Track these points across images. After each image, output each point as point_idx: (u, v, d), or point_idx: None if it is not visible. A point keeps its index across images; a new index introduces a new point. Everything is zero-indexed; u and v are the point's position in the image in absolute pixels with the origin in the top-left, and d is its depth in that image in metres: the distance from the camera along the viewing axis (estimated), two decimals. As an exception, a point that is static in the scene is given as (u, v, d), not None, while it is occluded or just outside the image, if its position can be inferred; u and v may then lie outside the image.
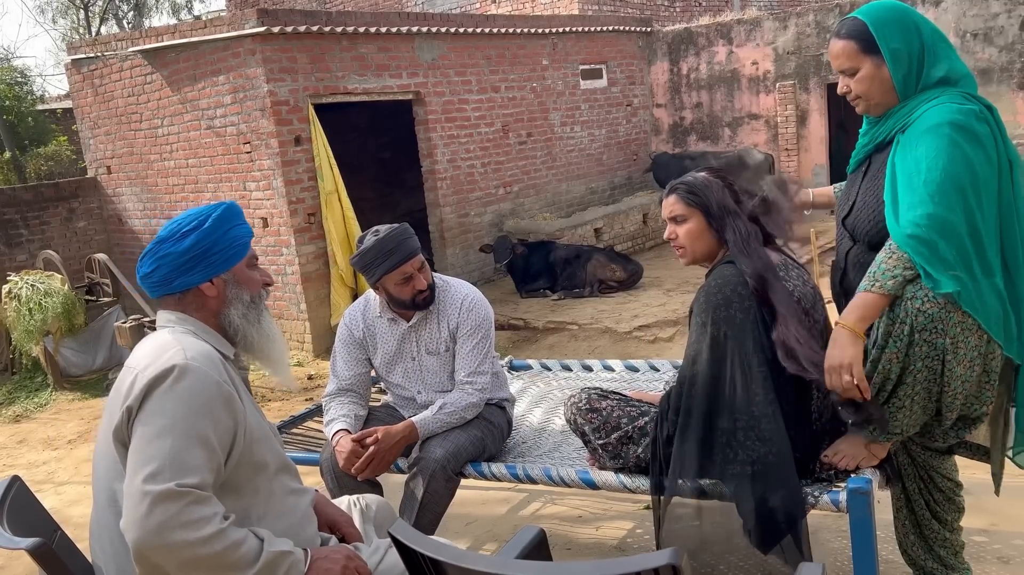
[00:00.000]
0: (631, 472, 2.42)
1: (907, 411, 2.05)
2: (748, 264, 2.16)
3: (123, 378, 1.75)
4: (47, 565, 1.72)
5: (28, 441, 5.82)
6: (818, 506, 2.13)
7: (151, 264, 1.83)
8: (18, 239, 8.42)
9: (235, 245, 1.87)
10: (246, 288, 1.89)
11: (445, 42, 8.19)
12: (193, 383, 1.67)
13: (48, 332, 6.73)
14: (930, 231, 1.91)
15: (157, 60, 7.57)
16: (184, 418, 1.64)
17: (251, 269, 1.92)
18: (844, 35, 2.11)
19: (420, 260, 2.77)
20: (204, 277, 1.83)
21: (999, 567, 2.70)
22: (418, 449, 2.74)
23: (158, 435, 1.62)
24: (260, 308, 1.92)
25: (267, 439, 1.83)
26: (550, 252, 7.82)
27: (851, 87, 2.14)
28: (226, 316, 1.87)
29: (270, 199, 6.99)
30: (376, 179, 11.11)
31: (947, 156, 1.93)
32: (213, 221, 1.83)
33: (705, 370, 2.16)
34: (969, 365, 1.99)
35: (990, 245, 1.96)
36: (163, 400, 1.65)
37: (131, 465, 1.63)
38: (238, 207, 1.93)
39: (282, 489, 1.84)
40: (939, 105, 2.01)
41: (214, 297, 1.85)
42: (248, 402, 1.82)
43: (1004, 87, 8.80)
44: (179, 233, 1.82)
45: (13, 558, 3.53)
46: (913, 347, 1.97)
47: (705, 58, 10.63)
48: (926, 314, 1.94)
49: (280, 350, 1.97)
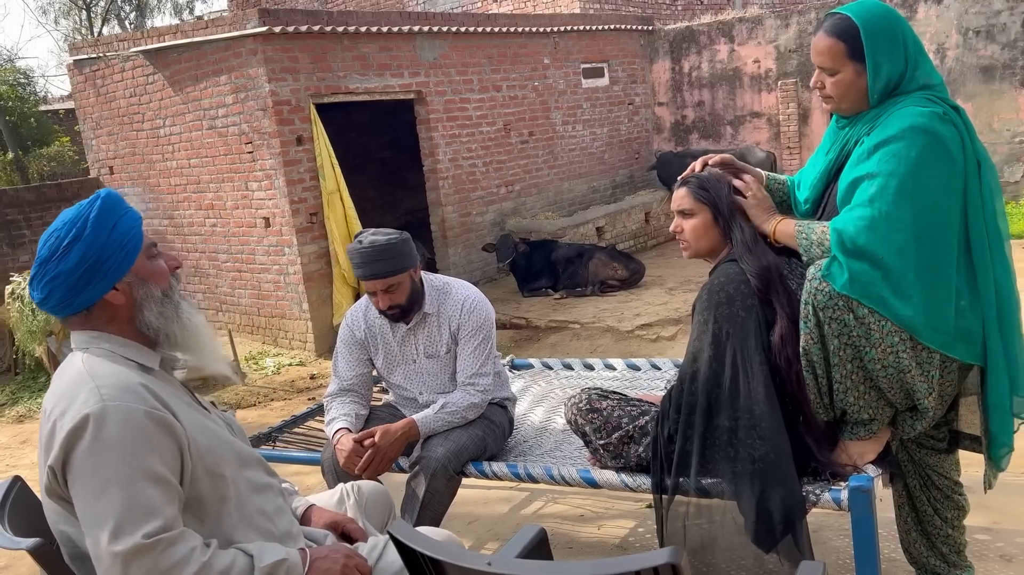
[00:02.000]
0: (632, 471, 2.42)
1: (855, 393, 2.06)
2: (752, 263, 2.16)
3: (43, 424, 1.62)
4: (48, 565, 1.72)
5: (31, 441, 5.84)
6: (820, 504, 2.12)
7: (43, 290, 1.64)
8: (21, 240, 8.43)
9: (127, 241, 1.66)
10: (154, 283, 1.71)
11: (446, 41, 8.19)
12: (117, 425, 1.53)
13: (51, 332, 6.73)
14: (863, 232, 1.93)
15: (159, 60, 7.57)
16: (122, 463, 1.51)
17: (152, 259, 1.73)
18: (833, 34, 2.06)
19: (387, 283, 2.70)
20: (106, 287, 1.64)
21: (1002, 565, 2.69)
22: (419, 448, 2.74)
23: (102, 491, 1.50)
24: (175, 300, 1.74)
25: (219, 443, 1.72)
26: (552, 251, 7.82)
27: (825, 84, 2.11)
28: (142, 320, 1.69)
29: (272, 199, 6.99)
30: (378, 178, 11.12)
31: (900, 160, 1.94)
32: (93, 224, 1.63)
33: (706, 368, 2.16)
34: (889, 351, 1.98)
35: (945, 246, 1.96)
36: (91, 454, 1.52)
37: (87, 528, 1.52)
38: (115, 195, 1.71)
39: (248, 487, 1.75)
40: (902, 108, 2.00)
41: (123, 304, 1.67)
42: (188, 412, 1.69)
43: (1006, 84, 8.78)
44: (60, 249, 1.62)
45: (16, 558, 3.54)
46: (823, 326, 2.01)
47: (707, 56, 10.62)
48: (823, 292, 1.99)
49: (207, 341, 1.80)
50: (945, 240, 1.96)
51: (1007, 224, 2.09)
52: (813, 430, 2.15)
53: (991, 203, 2.02)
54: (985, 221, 2.01)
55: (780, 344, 2.09)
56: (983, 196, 2.00)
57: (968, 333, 2.00)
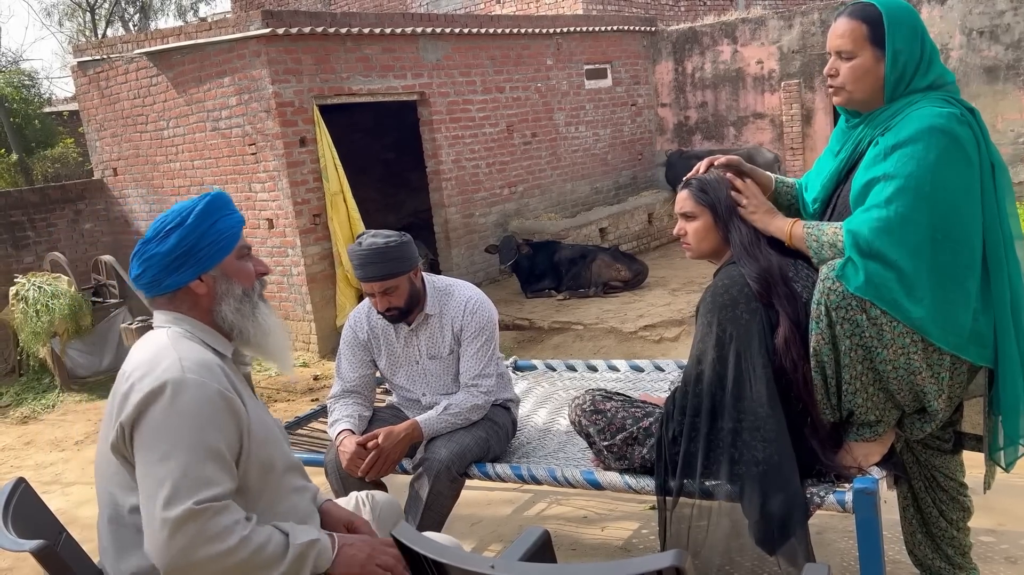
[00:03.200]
0: (636, 473, 2.41)
1: (864, 394, 2.05)
2: (752, 266, 2.16)
3: (118, 384, 1.71)
4: (51, 567, 1.72)
5: (36, 442, 5.85)
6: (824, 506, 2.12)
7: (139, 266, 1.79)
8: (25, 241, 8.45)
9: (222, 238, 1.80)
10: (237, 282, 1.83)
11: (449, 43, 8.19)
12: (192, 397, 1.63)
13: (55, 334, 6.75)
14: (879, 234, 1.93)
15: (162, 62, 7.59)
16: (189, 433, 1.60)
17: (242, 260, 1.85)
18: (856, 16, 2.05)
19: (384, 285, 2.71)
20: (192, 275, 1.77)
21: (1007, 567, 2.69)
22: (423, 450, 2.73)
23: (165, 456, 1.59)
24: (254, 301, 1.85)
25: (272, 439, 1.82)
26: (555, 252, 7.82)
27: (840, 71, 2.09)
28: (219, 312, 1.80)
29: (275, 200, 7.00)
30: (381, 180, 11.12)
31: (918, 162, 1.93)
32: (196, 216, 1.77)
33: (710, 370, 2.15)
34: (900, 352, 1.97)
35: (966, 248, 1.95)
36: (163, 419, 1.61)
37: (144, 489, 1.60)
38: (225, 196, 1.86)
39: (287, 487, 1.85)
40: (919, 109, 2.00)
41: (204, 295, 1.80)
42: (252, 403, 1.81)
43: (1010, 85, 8.76)
44: (162, 232, 1.76)
45: (20, 560, 3.54)
46: (835, 327, 2.00)
47: (710, 57, 10.61)
48: (836, 292, 1.98)
49: (278, 342, 1.90)
50: (966, 243, 1.96)
51: (1019, 225, 2.09)
52: (818, 432, 2.14)
53: (1004, 205, 2.02)
54: (1001, 223, 2.00)
55: (785, 346, 2.09)
56: (998, 198, 2.00)
57: (980, 335, 2.00)
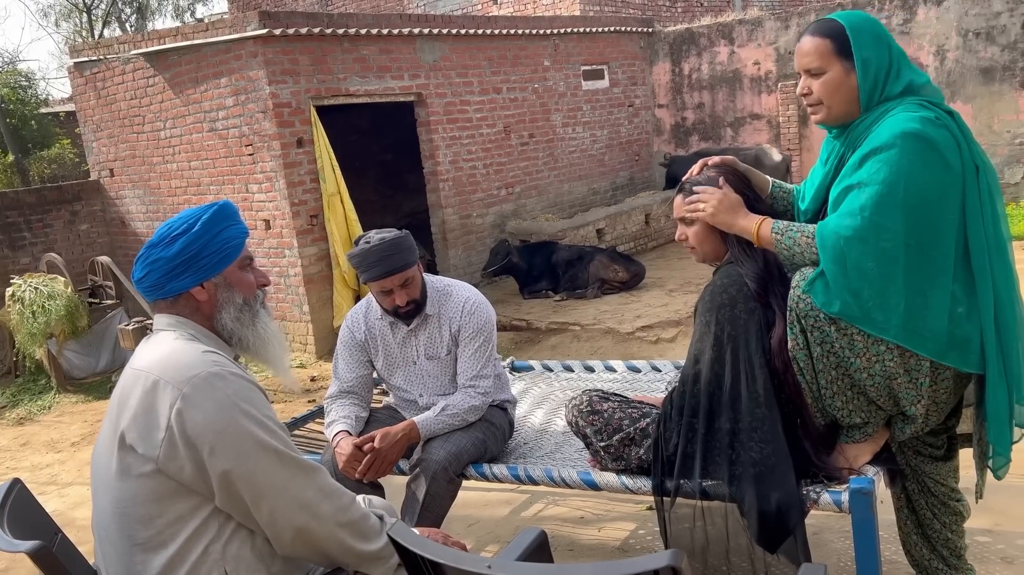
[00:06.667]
0: (633, 473, 2.41)
1: (842, 398, 2.06)
2: (748, 266, 2.16)
3: (135, 381, 1.72)
4: (47, 568, 1.72)
5: (32, 444, 5.83)
6: (820, 506, 2.12)
7: (142, 270, 1.82)
8: (21, 242, 8.43)
9: (226, 247, 1.83)
10: (238, 291, 1.86)
11: (447, 43, 8.19)
12: (240, 382, 1.71)
13: (51, 335, 6.74)
14: (851, 242, 1.92)
15: (159, 63, 7.58)
16: (254, 409, 1.70)
17: (244, 271, 1.89)
18: (819, 33, 2.06)
19: (404, 276, 2.72)
20: (194, 281, 1.81)
21: (1003, 567, 2.69)
22: (420, 451, 2.73)
23: (263, 447, 1.70)
24: (255, 310, 1.89)
25: None
26: (552, 253, 7.82)
27: (812, 89, 2.08)
28: (218, 320, 1.84)
29: (272, 201, 6.99)
30: (378, 181, 11.12)
31: (891, 168, 1.91)
32: (203, 224, 1.80)
33: (708, 370, 2.15)
34: (875, 359, 1.97)
35: (939, 252, 1.93)
36: (217, 404, 1.67)
37: (277, 490, 1.74)
38: (232, 207, 1.89)
39: None
40: (894, 116, 1.98)
41: (205, 301, 1.83)
42: None
43: (1006, 86, 8.78)
44: (169, 237, 1.79)
45: (15, 561, 3.53)
46: (807, 333, 2.02)
47: (707, 58, 10.62)
48: (805, 301, 2.00)
49: (276, 352, 1.94)
50: (940, 248, 1.93)
51: (1008, 228, 2.06)
52: (811, 433, 2.14)
53: (991, 207, 1.98)
54: (985, 227, 1.97)
55: (778, 347, 2.09)
56: (982, 201, 1.97)
57: (965, 341, 1.97)
